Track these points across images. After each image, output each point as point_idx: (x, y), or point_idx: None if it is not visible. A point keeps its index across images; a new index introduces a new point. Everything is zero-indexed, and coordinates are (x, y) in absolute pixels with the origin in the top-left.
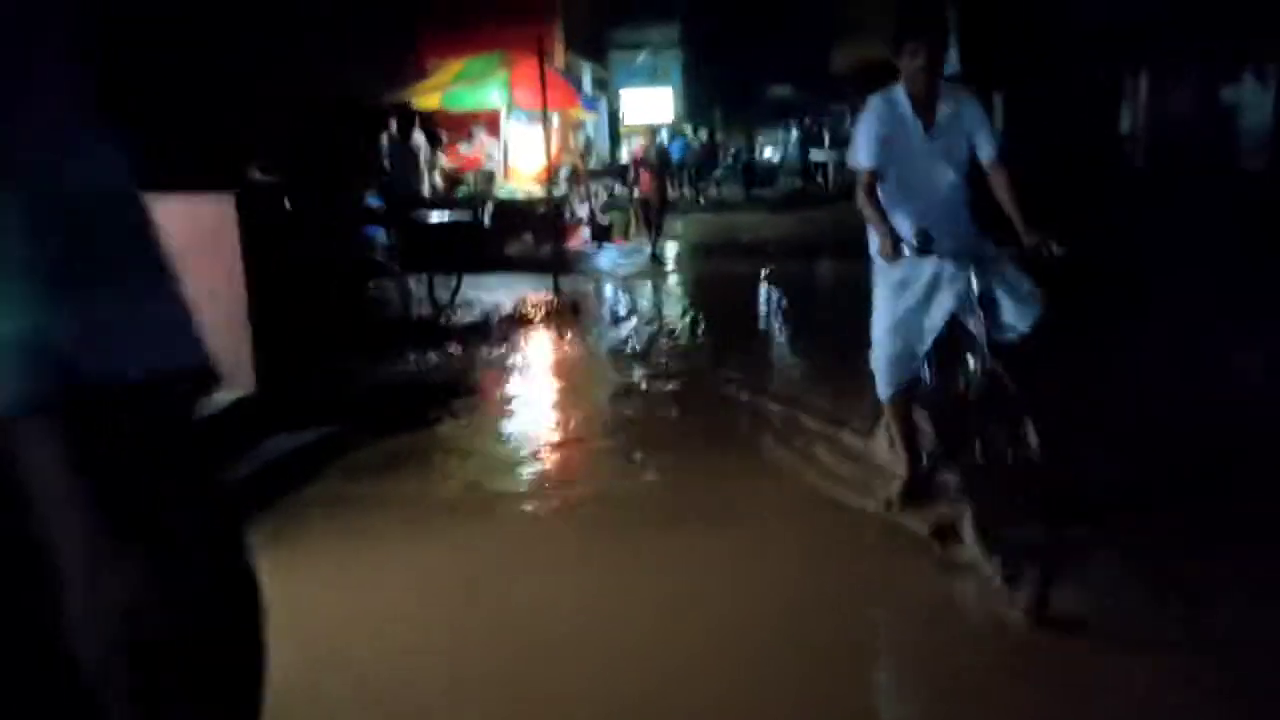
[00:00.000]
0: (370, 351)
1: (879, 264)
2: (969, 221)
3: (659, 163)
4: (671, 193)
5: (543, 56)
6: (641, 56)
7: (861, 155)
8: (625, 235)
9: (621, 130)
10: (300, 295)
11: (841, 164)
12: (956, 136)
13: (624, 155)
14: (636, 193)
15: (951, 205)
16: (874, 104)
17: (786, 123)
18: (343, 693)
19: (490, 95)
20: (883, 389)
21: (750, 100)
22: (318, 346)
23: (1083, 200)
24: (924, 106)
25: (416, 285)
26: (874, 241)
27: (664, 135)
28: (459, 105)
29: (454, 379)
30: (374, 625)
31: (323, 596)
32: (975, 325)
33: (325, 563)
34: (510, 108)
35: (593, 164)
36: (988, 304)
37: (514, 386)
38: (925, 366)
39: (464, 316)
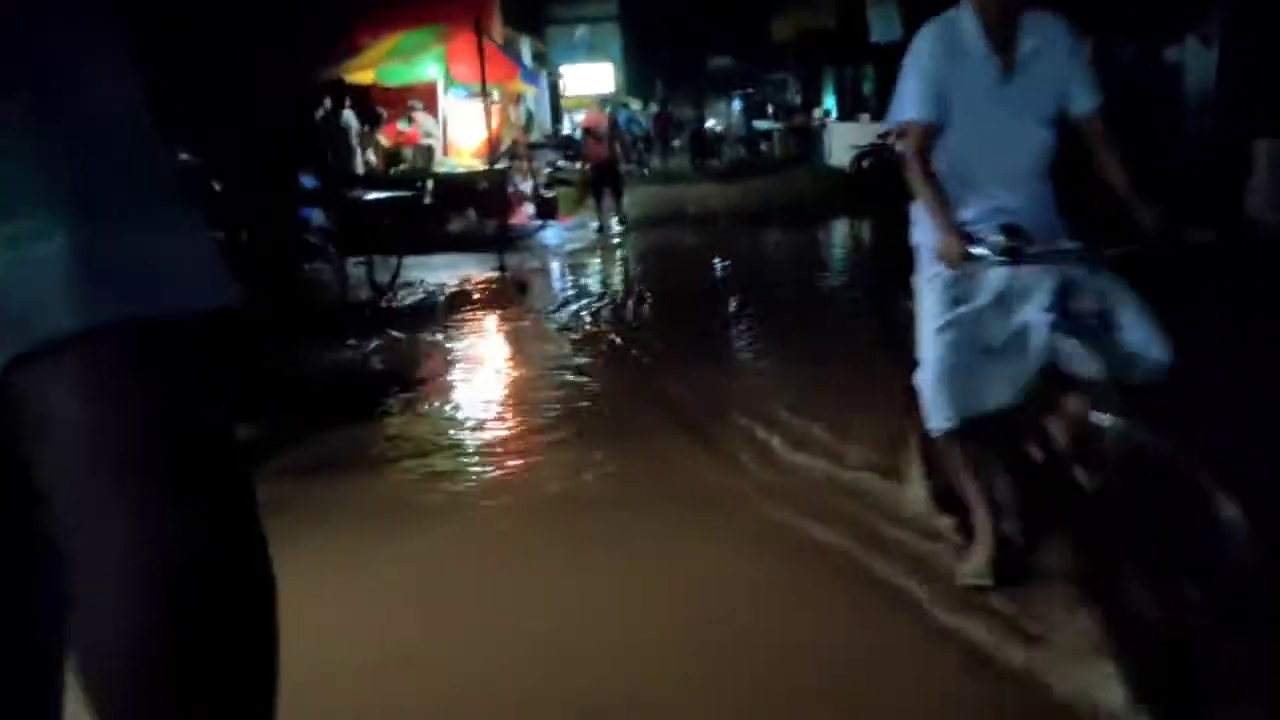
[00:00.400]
0: (307, 340)
1: (926, 259)
2: (1054, 203)
3: (610, 133)
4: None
5: (481, 30)
6: (580, 31)
7: (909, 104)
8: (571, 211)
9: (563, 103)
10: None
11: (786, 132)
12: (1045, 81)
13: (566, 128)
14: (586, 164)
15: (1038, 180)
16: (929, 32)
17: (729, 93)
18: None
19: (427, 70)
20: (936, 419)
21: (691, 72)
22: (248, 336)
23: None
24: (1001, 37)
25: (355, 268)
26: (923, 227)
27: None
28: (394, 80)
29: (397, 367)
30: (333, 641)
31: None
32: (1079, 359)
33: None
34: (449, 82)
35: (535, 137)
36: (1099, 327)
37: (459, 374)
38: (1011, 391)
39: (406, 299)
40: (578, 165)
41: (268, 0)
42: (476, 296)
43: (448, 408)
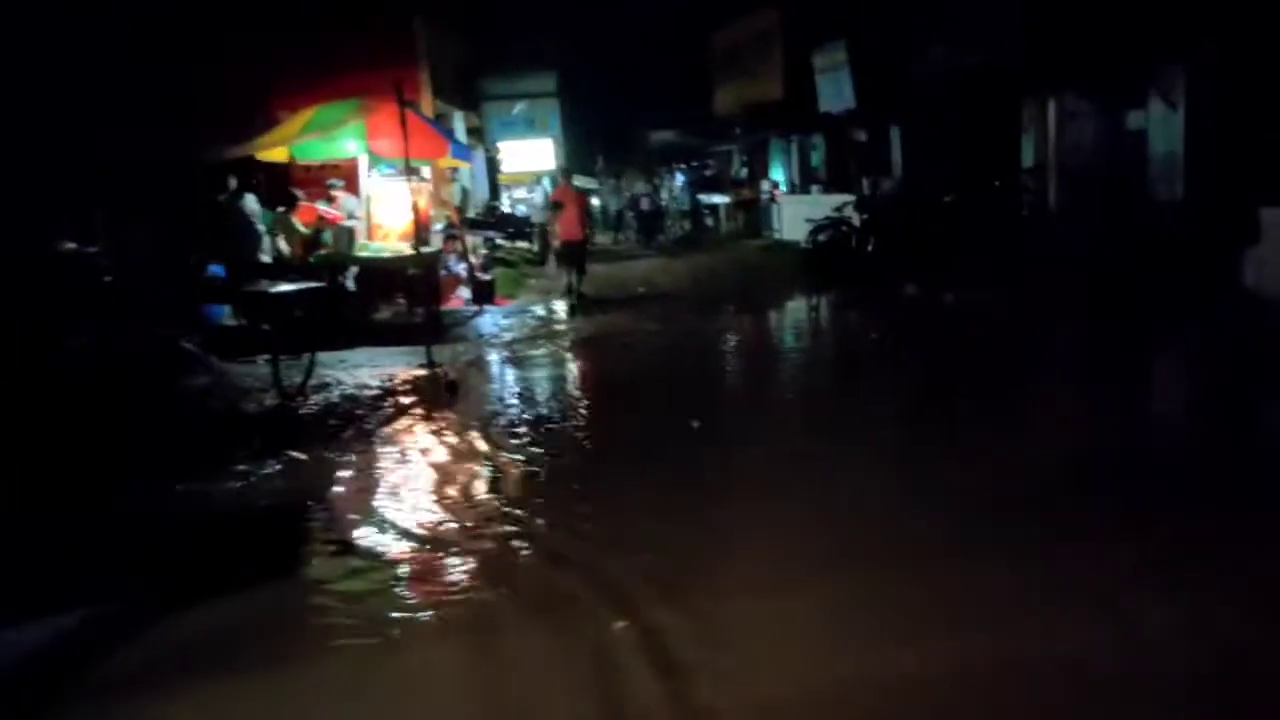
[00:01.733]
0: (183, 469)
1: None
2: None
3: (581, 208)
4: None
5: (403, 102)
6: (518, 106)
7: None
8: (511, 292)
9: (500, 179)
10: (66, 403)
11: (733, 206)
12: None
13: (505, 205)
14: (556, 236)
15: None
16: None
17: (670, 167)
18: None
19: (346, 145)
20: None
21: (633, 146)
22: (91, 471)
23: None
24: None
25: (262, 368)
26: None
27: (547, 183)
28: (309, 157)
29: (289, 503)
30: None
31: None
32: None
33: None
34: (373, 160)
35: (471, 213)
36: None
37: (374, 506)
38: None
39: (317, 405)
40: (519, 244)
41: (176, 77)
42: (400, 400)
43: (354, 561)
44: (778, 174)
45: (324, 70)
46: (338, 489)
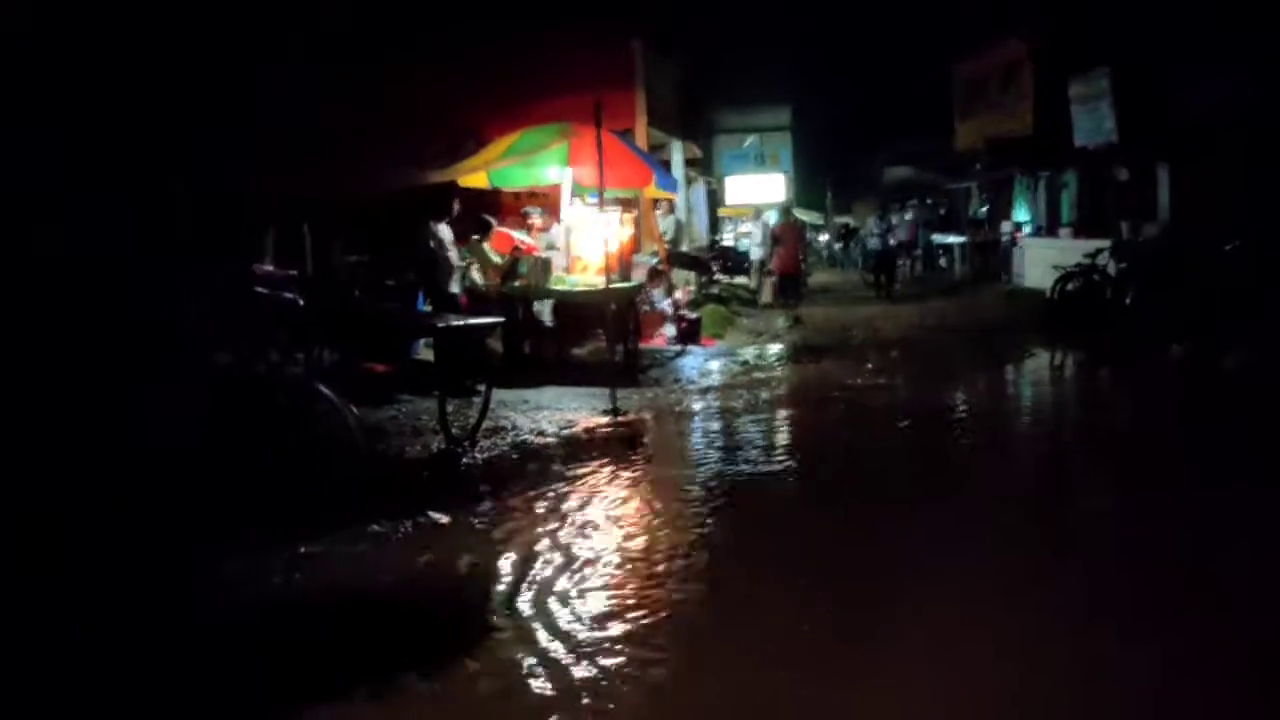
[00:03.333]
0: (311, 524)
1: None
2: None
3: (797, 242)
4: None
5: (600, 124)
6: (749, 140)
7: None
8: (718, 332)
9: (720, 212)
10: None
11: (970, 247)
12: None
13: (728, 238)
14: (774, 265)
15: None
16: None
17: (903, 204)
18: None
19: (546, 171)
20: None
21: (865, 181)
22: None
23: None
24: None
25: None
26: None
27: (770, 216)
28: (509, 184)
29: (403, 584)
30: None
31: None
32: None
33: None
34: (576, 188)
35: (685, 247)
36: None
37: (502, 608)
38: None
39: (484, 451)
40: (736, 279)
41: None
42: (580, 449)
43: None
44: (1021, 214)
45: (534, 92)
46: (459, 571)
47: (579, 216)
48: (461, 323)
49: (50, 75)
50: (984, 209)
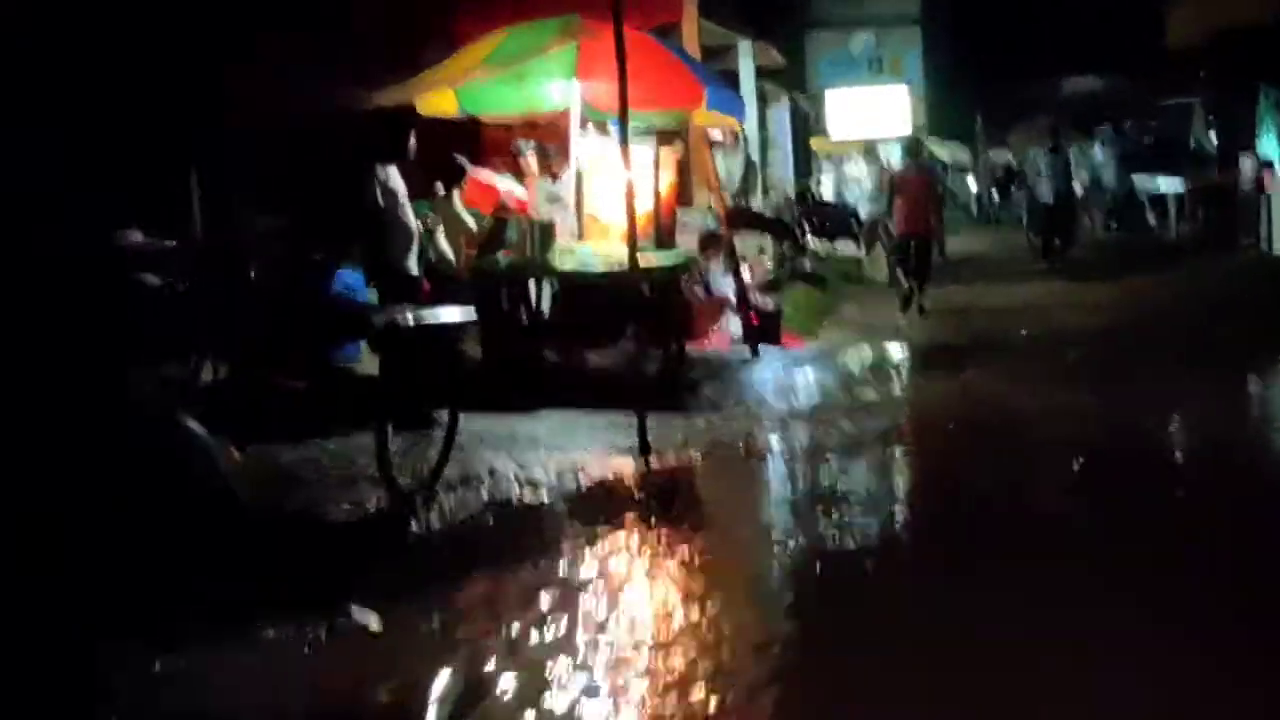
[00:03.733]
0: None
1: None
2: None
3: (926, 194)
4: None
5: (620, 12)
6: (860, 40)
7: None
8: (809, 327)
9: (815, 147)
10: None
11: (1194, 196)
12: None
13: (827, 189)
14: (891, 228)
15: None
16: None
17: (1091, 131)
18: None
19: (547, 89)
20: None
21: (1032, 99)
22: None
23: None
24: None
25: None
26: None
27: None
28: (489, 109)
29: None
30: None
31: None
32: None
33: None
34: (588, 112)
35: (759, 200)
36: None
37: None
38: None
39: (443, 511)
40: (839, 247)
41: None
42: (586, 512)
43: None
44: (1270, 147)
45: None
46: (417, 692)
47: (596, 156)
48: (416, 317)
49: None
50: (1211, 138)
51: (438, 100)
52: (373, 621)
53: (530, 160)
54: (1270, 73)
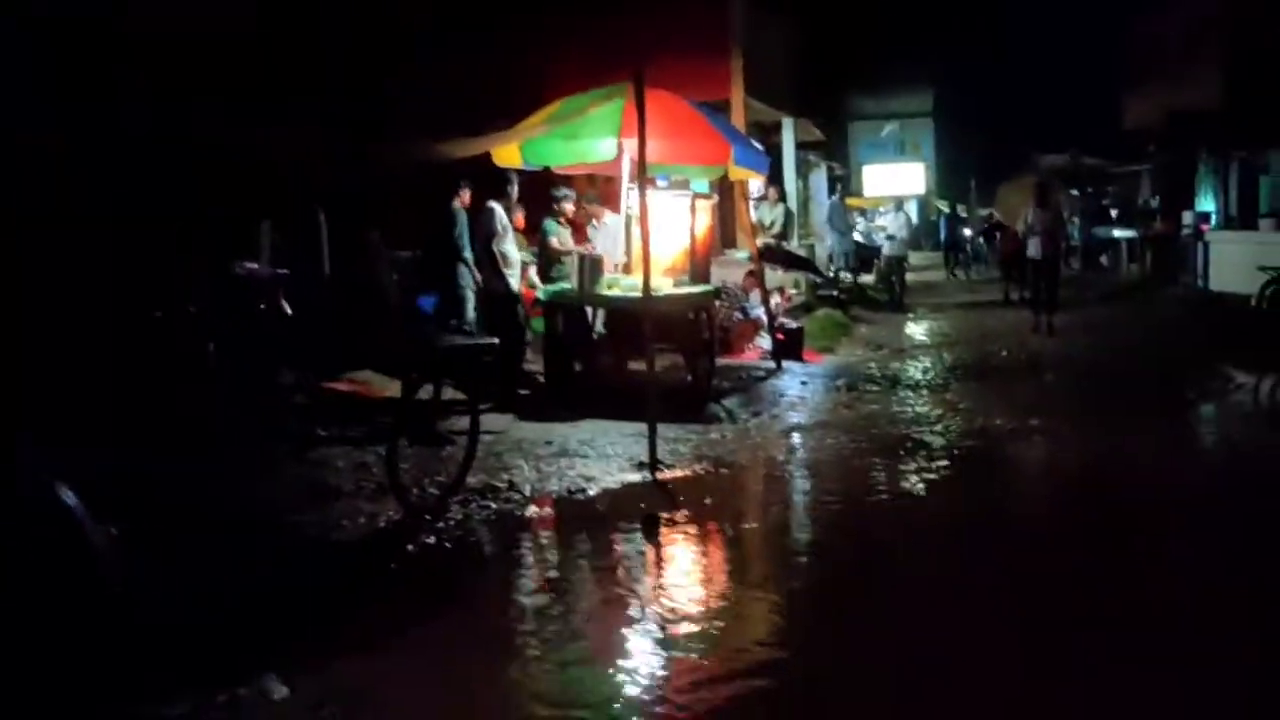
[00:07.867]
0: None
1: None
2: None
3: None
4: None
5: (640, 81)
6: (888, 129)
7: None
8: (830, 341)
9: (850, 203)
10: None
11: (1141, 243)
12: None
13: (858, 232)
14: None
15: None
16: None
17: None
18: None
19: (597, 145)
20: None
21: (1016, 169)
22: None
23: None
24: None
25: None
26: None
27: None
28: (547, 161)
29: None
30: None
31: None
32: None
33: None
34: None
35: (797, 242)
36: None
37: None
38: None
39: (451, 524)
40: (865, 279)
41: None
42: (585, 528)
43: None
44: (1207, 204)
45: (609, 54)
46: None
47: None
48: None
49: None
50: (1155, 199)
51: (507, 153)
52: (280, 690)
53: (567, 206)
54: (1209, 145)
